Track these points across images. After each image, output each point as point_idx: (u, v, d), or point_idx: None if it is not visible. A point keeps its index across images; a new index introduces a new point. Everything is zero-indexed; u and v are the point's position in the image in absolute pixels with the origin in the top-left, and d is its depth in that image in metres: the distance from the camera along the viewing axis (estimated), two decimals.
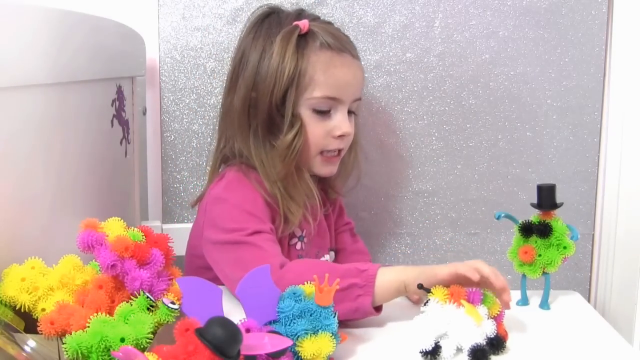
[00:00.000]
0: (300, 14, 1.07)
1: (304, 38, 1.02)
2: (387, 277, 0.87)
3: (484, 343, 0.77)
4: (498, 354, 0.79)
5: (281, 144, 1.01)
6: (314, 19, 1.07)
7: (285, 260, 0.93)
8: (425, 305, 0.80)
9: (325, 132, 1.04)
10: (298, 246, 1.08)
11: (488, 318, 0.79)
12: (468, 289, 0.80)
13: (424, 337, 0.77)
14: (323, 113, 1.03)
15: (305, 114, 1.03)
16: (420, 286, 0.82)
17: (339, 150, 1.07)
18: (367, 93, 1.30)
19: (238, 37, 1.10)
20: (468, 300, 0.79)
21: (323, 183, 1.16)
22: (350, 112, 1.07)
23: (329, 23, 1.09)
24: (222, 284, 0.94)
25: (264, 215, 1.00)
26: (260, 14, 1.08)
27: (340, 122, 1.04)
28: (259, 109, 1.02)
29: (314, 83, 1.01)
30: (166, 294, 0.74)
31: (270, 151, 1.03)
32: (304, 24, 1.02)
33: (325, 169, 1.08)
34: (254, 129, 1.03)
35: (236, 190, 1.02)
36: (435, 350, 0.77)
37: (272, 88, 1.01)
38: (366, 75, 1.30)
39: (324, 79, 1.01)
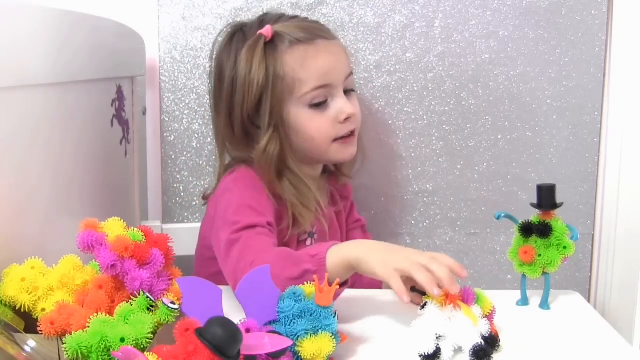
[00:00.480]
0: (262, 20, 1.06)
1: (272, 43, 1.02)
2: (336, 258, 0.85)
3: (482, 342, 0.77)
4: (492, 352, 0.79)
5: (256, 152, 1.02)
6: (277, 20, 1.06)
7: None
8: (422, 308, 0.80)
9: (331, 121, 1.04)
10: (308, 242, 1.08)
11: (482, 317, 0.79)
12: (461, 288, 0.80)
13: (424, 341, 0.77)
14: (320, 105, 1.03)
15: (303, 112, 1.03)
16: (413, 289, 0.81)
17: (352, 131, 1.07)
18: (367, 93, 1.30)
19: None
20: (462, 301, 0.79)
21: (330, 172, 1.16)
22: (347, 92, 1.06)
23: (294, 17, 1.09)
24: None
25: (265, 208, 0.99)
26: (226, 35, 1.08)
27: (341, 106, 1.04)
28: (242, 126, 1.04)
29: (299, 80, 1.01)
30: (166, 294, 0.74)
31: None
32: (267, 30, 1.02)
33: (345, 153, 1.08)
34: (246, 145, 1.05)
35: (242, 181, 1.02)
36: (435, 353, 0.77)
37: (242, 102, 1.02)
38: (366, 75, 1.30)
39: (306, 72, 1.01)
